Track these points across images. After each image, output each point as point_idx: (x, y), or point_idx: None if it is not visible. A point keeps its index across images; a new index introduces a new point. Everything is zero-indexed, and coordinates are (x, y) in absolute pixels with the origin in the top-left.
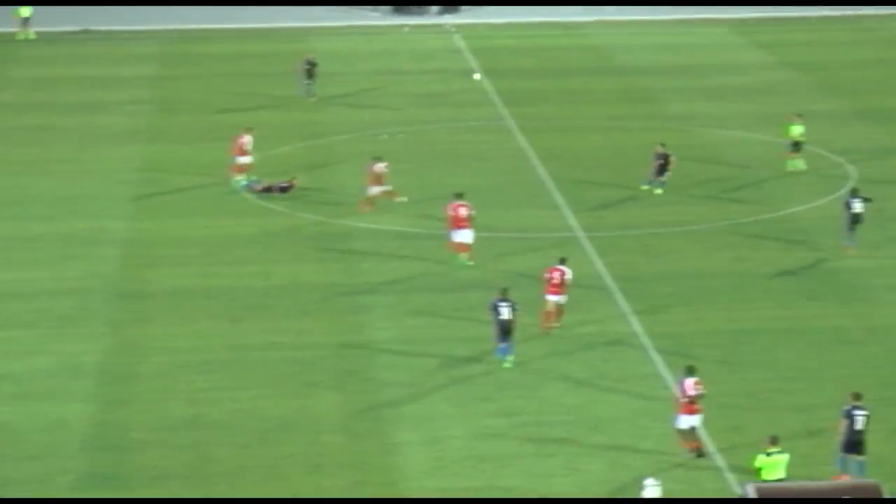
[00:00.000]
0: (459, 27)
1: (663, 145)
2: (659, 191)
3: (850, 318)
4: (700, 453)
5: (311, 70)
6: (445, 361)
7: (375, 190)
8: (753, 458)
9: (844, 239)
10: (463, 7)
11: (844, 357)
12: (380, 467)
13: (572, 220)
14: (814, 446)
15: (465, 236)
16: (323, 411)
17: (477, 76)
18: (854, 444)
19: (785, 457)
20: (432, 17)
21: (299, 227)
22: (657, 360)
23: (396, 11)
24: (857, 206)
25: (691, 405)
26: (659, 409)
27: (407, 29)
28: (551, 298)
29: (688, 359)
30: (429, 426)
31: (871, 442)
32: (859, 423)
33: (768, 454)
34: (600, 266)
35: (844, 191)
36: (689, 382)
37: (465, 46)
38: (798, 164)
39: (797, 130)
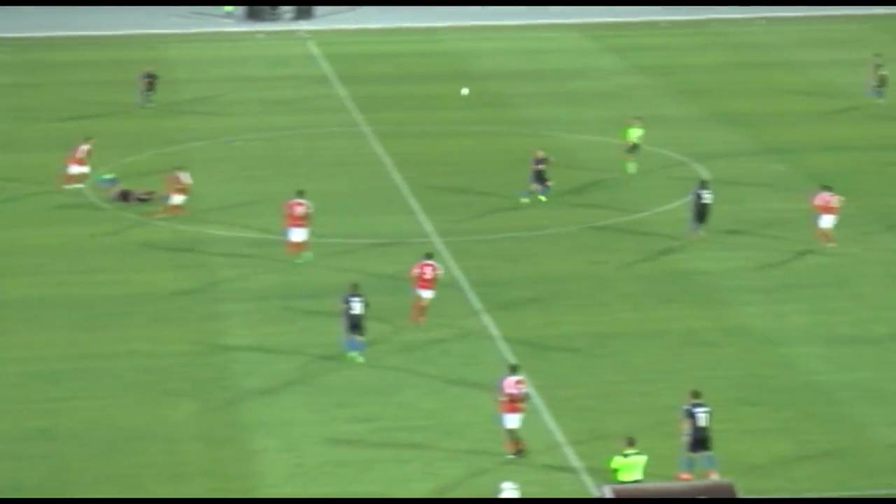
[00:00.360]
0: (313, 33)
1: (542, 151)
2: (543, 198)
3: (704, 320)
4: (519, 453)
5: (151, 83)
6: (303, 368)
7: (177, 199)
8: (611, 460)
9: (690, 228)
10: (317, 7)
11: (699, 358)
12: (238, 475)
13: (428, 226)
14: (671, 447)
15: (298, 235)
16: (180, 419)
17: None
18: (700, 441)
19: (642, 458)
20: (286, 24)
21: (154, 234)
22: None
23: (250, 17)
24: (707, 197)
25: (511, 403)
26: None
27: (261, 36)
28: (423, 293)
29: (545, 362)
30: (287, 433)
31: (725, 441)
32: (702, 420)
33: (625, 455)
34: (457, 271)
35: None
36: (510, 381)
37: (319, 53)
38: (632, 166)
39: (636, 134)
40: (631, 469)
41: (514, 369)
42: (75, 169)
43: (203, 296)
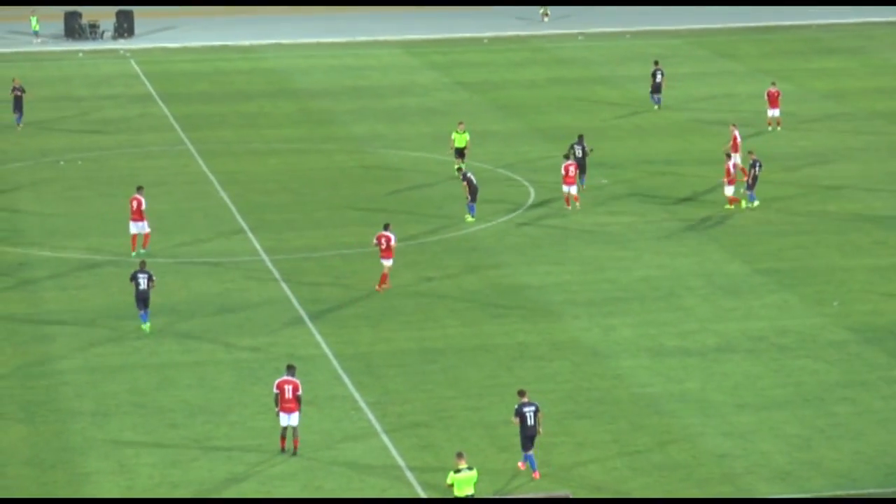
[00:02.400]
0: (134, 52)
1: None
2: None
3: (534, 335)
4: (294, 452)
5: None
6: (132, 389)
7: None
8: (446, 476)
9: (579, 182)
10: (137, 25)
11: (530, 372)
12: (70, 498)
13: (256, 244)
14: (503, 461)
15: (139, 228)
16: (9, 444)
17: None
18: (528, 439)
19: (473, 473)
20: (106, 43)
21: None
22: (347, 381)
23: (69, 36)
24: (578, 151)
25: (284, 404)
26: (350, 430)
27: (81, 55)
28: (384, 262)
29: (376, 378)
30: (118, 455)
31: (558, 455)
32: (530, 419)
33: (458, 471)
34: (286, 289)
35: (524, 209)
36: (278, 381)
37: (140, 71)
38: (462, 166)
39: (462, 138)
40: (464, 484)
41: (289, 369)
42: None
43: (29, 318)
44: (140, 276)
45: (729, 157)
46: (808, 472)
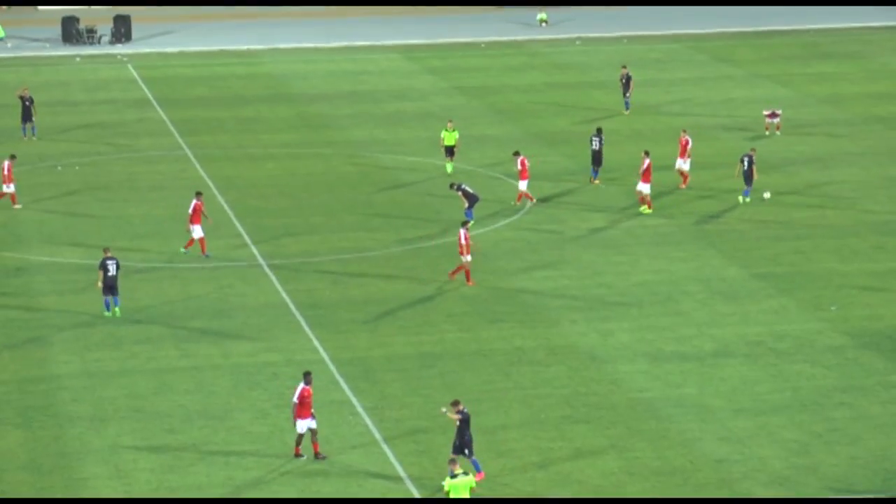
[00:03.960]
0: (131, 57)
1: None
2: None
3: (532, 340)
4: (317, 456)
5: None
6: (130, 394)
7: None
8: (442, 480)
9: (592, 173)
10: (135, 30)
11: (527, 378)
12: (68, 499)
13: (253, 249)
14: (501, 466)
15: (197, 232)
16: (6, 448)
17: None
18: (470, 443)
19: (469, 478)
20: (104, 48)
21: None
22: (344, 386)
23: (66, 41)
24: (596, 144)
25: (300, 409)
26: (347, 435)
27: (78, 59)
28: (464, 258)
29: (374, 383)
30: (116, 460)
31: (555, 460)
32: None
33: (453, 476)
34: (283, 294)
35: (521, 214)
36: (299, 388)
37: (138, 76)
38: (450, 166)
39: (451, 136)
40: (461, 489)
41: (306, 378)
42: None
43: (27, 322)
44: (109, 262)
45: (647, 154)
46: (806, 477)
